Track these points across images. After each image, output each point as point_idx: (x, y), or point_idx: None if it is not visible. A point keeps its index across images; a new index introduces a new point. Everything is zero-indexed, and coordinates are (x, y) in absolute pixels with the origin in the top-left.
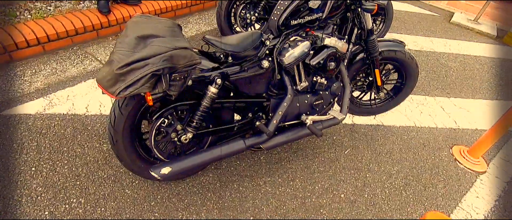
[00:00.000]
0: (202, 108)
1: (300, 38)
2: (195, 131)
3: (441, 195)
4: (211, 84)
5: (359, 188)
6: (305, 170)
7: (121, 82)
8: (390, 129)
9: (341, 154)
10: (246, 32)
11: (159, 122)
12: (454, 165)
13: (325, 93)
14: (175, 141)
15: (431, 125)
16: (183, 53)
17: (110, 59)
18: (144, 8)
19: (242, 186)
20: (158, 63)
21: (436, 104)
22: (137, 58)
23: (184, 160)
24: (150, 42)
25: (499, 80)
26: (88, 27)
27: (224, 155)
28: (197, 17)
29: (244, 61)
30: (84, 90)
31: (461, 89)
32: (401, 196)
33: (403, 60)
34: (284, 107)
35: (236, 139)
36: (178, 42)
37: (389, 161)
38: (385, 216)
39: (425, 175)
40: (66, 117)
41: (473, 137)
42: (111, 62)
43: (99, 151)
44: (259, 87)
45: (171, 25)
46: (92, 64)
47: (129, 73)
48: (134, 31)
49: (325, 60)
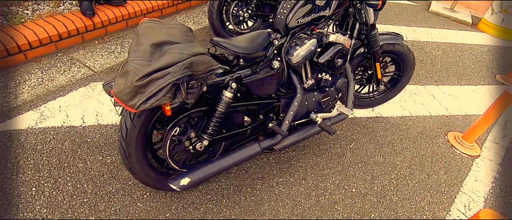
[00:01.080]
0: (218, 114)
1: (306, 36)
2: (211, 137)
3: (444, 181)
4: (225, 89)
5: (368, 181)
6: (314, 167)
7: (141, 94)
8: (389, 120)
9: (347, 148)
10: (254, 33)
11: (173, 131)
12: (451, 151)
13: (331, 89)
14: (189, 149)
15: (425, 114)
16: (202, 59)
17: (125, 70)
18: (130, 8)
19: (256, 188)
20: (178, 71)
21: (427, 92)
22: (157, 67)
23: (203, 169)
24: (166, 49)
25: (479, 67)
26: (72, 31)
27: (241, 160)
28: (184, 16)
29: (255, 63)
30: (76, 99)
31: (447, 77)
32: (408, 186)
33: (402, 52)
34: (295, 106)
35: (251, 143)
36: (195, 48)
37: (392, 152)
38: (396, 206)
39: (426, 163)
40: (61, 129)
41: (464, 122)
42: (126, 73)
43: (103, 164)
44: (270, 88)
45: (184, 30)
46: (80, 71)
47: (149, 84)
48: (147, 38)
49: (333, 57)
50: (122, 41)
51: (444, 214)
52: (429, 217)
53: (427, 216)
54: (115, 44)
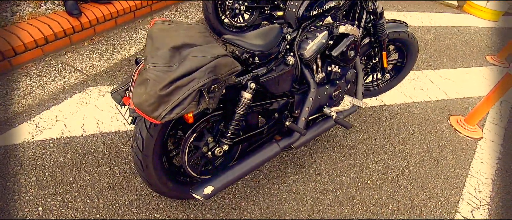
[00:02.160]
0: (238, 117)
1: (317, 29)
2: (231, 141)
3: (452, 165)
4: (244, 89)
5: (382, 171)
6: (328, 162)
7: (165, 104)
8: (393, 108)
9: (356, 140)
10: (265, 28)
11: (192, 137)
12: (455, 135)
13: (341, 82)
14: (207, 155)
15: (425, 99)
16: (225, 62)
17: (143, 78)
18: (118, 6)
19: (273, 188)
20: (203, 76)
21: (425, 77)
22: (181, 73)
23: (225, 175)
24: (186, 53)
25: (469, 48)
26: (59, 34)
27: (262, 161)
28: (174, 10)
29: (270, 60)
30: (73, 107)
31: (441, 61)
32: (419, 173)
33: (407, 40)
34: (310, 102)
35: (269, 143)
36: (217, 50)
37: (400, 140)
38: (411, 195)
39: (434, 149)
40: (61, 141)
41: (463, 105)
42: (145, 81)
43: (112, 175)
44: (285, 85)
45: (202, 30)
46: (73, 76)
47: (174, 93)
48: (164, 41)
49: (346, 49)
50: (112, 41)
51: (457, 198)
52: (444, 202)
53: (441, 202)
54: (105, 44)
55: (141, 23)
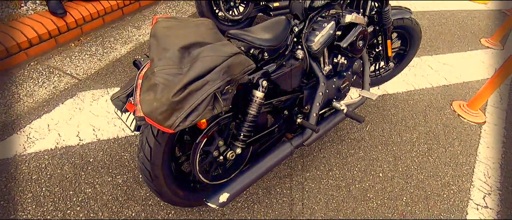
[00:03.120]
0: (250, 118)
1: (324, 20)
2: (243, 144)
3: (460, 152)
4: (256, 88)
5: (392, 162)
6: (338, 156)
7: (179, 111)
8: (396, 97)
9: (364, 131)
10: (271, 21)
11: (203, 142)
12: (459, 120)
13: (348, 73)
14: (219, 160)
15: (427, 86)
16: (239, 60)
17: (152, 83)
18: (105, 3)
19: (285, 188)
20: (218, 78)
21: (424, 64)
22: (194, 76)
23: (239, 180)
24: (196, 53)
25: (464, 32)
26: (43, 35)
27: (276, 162)
28: (164, 6)
29: (278, 55)
30: (66, 114)
31: (438, 46)
32: (429, 162)
33: (410, 27)
34: (320, 97)
35: (282, 143)
36: (229, 47)
37: (406, 129)
38: (424, 185)
39: (441, 137)
40: (56, 152)
41: (463, 90)
42: (154, 87)
43: (115, 185)
44: (296, 81)
45: (211, 27)
46: (62, 80)
47: (188, 98)
48: (172, 41)
49: (356, 39)
50: (102, 40)
51: (468, 186)
52: (456, 190)
53: (454, 190)
54: (94, 45)
55: (130, 20)
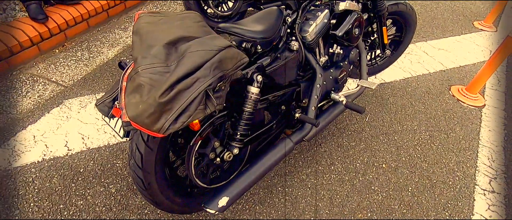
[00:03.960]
0: (246, 116)
1: (317, 8)
2: (241, 144)
3: (463, 137)
4: (250, 84)
5: (394, 152)
6: (339, 150)
7: (167, 112)
8: (394, 85)
9: (363, 122)
10: (263, 12)
11: (198, 144)
12: (459, 105)
13: (345, 63)
14: (215, 162)
15: (424, 72)
16: (230, 54)
17: (137, 84)
18: (88, 6)
19: (287, 186)
20: (209, 75)
21: (419, 50)
22: (182, 74)
23: (239, 181)
24: (184, 48)
25: (456, 16)
26: (24, 43)
27: (276, 161)
28: (151, 5)
29: (272, 48)
30: (52, 124)
31: (432, 31)
32: (432, 149)
33: (405, 12)
34: (317, 89)
35: (281, 140)
36: (219, 41)
37: (406, 117)
38: (428, 173)
39: (441, 123)
40: (43, 165)
41: (460, 74)
42: (139, 88)
43: (108, 195)
44: (292, 74)
45: (198, 19)
46: (47, 88)
47: (176, 98)
48: (156, 36)
49: (352, 27)
50: (87, 45)
51: (473, 171)
52: (461, 177)
53: (459, 176)
54: (80, 49)
55: (116, 22)
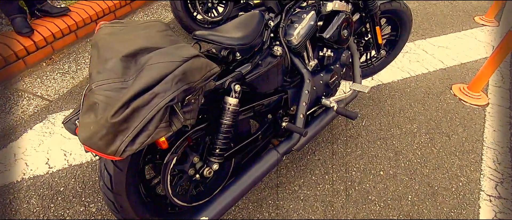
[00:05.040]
0: (225, 129)
1: (302, 10)
2: (221, 158)
3: (465, 139)
4: (227, 94)
5: (393, 158)
6: (334, 157)
7: (123, 133)
8: (392, 86)
9: (360, 127)
10: (243, 16)
11: (173, 161)
12: (461, 105)
13: (336, 66)
14: (195, 178)
15: (423, 71)
16: (197, 64)
17: (91, 102)
18: (76, 17)
19: (278, 199)
20: (170, 89)
21: (418, 48)
22: (138, 89)
23: (222, 198)
24: (144, 60)
25: (456, 12)
26: (9, 58)
27: (262, 174)
28: (142, 14)
29: (253, 54)
30: (34, 141)
31: (431, 28)
32: (433, 153)
33: (399, 10)
34: (306, 95)
35: (267, 151)
36: (185, 50)
37: (405, 120)
38: (429, 179)
39: (443, 124)
40: (22, 184)
41: (462, 72)
42: (93, 106)
43: (88, 215)
44: (276, 80)
45: (163, 28)
46: (32, 103)
47: (132, 117)
48: (114, 48)
49: (339, 29)
50: (75, 57)
51: (477, 175)
52: (465, 182)
53: (462, 182)
54: (67, 62)
55: None
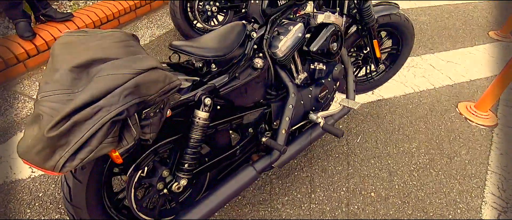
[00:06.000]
0: (193, 144)
1: (290, 22)
2: (189, 174)
3: (468, 162)
4: (197, 107)
5: (386, 179)
6: (322, 175)
7: (63, 148)
8: (392, 101)
9: (354, 143)
10: (224, 27)
11: (136, 175)
12: (467, 124)
13: (328, 80)
14: (164, 193)
15: (428, 87)
16: (154, 77)
17: (36, 114)
18: (79, 22)
19: (259, 216)
20: (117, 103)
21: (425, 63)
22: (80, 103)
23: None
24: (97, 71)
25: (470, 26)
26: (10, 61)
27: (236, 191)
28: (146, 21)
29: (232, 66)
30: None
31: (441, 42)
32: (431, 176)
33: (399, 23)
34: (290, 110)
35: (243, 167)
36: (141, 63)
37: (404, 139)
38: (424, 204)
39: (445, 145)
40: (4, 188)
41: (471, 89)
42: (38, 118)
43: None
44: (257, 94)
45: (124, 38)
46: (26, 106)
47: (73, 131)
48: (65, 59)
49: (327, 42)
50: None
51: (479, 202)
52: (464, 209)
53: (461, 209)
54: None
55: None
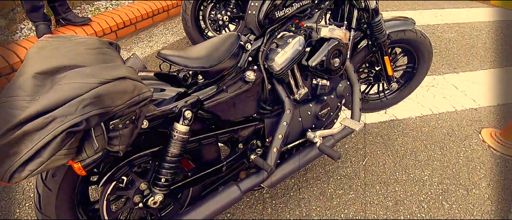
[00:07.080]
0: (170, 158)
1: (290, 34)
2: (165, 190)
3: (489, 197)
4: (177, 120)
5: (391, 208)
6: (320, 198)
7: (12, 157)
8: (407, 123)
9: (359, 166)
10: (218, 37)
11: (110, 187)
12: (490, 153)
13: (330, 97)
14: (138, 207)
15: (449, 109)
16: (120, 87)
17: None
18: (96, 27)
19: None
20: (73, 113)
21: (447, 83)
22: (34, 112)
23: None
24: (60, 78)
25: (501, 46)
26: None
27: (217, 210)
28: (162, 27)
29: (220, 78)
30: None
31: (468, 62)
32: (443, 209)
33: (415, 40)
34: (283, 127)
35: (228, 185)
36: (110, 71)
37: (416, 164)
38: None
39: (462, 174)
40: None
41: (498, 115)
42: None
43: None
44: (248, 108)
45: (97, 46)
46: None
47: (23, 141)
48: (31, 65)
49: (328, 57)
50: None
51: None
52: None
53: None
54: None
55: (124, 43)
